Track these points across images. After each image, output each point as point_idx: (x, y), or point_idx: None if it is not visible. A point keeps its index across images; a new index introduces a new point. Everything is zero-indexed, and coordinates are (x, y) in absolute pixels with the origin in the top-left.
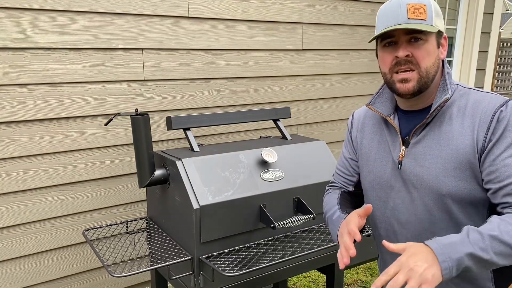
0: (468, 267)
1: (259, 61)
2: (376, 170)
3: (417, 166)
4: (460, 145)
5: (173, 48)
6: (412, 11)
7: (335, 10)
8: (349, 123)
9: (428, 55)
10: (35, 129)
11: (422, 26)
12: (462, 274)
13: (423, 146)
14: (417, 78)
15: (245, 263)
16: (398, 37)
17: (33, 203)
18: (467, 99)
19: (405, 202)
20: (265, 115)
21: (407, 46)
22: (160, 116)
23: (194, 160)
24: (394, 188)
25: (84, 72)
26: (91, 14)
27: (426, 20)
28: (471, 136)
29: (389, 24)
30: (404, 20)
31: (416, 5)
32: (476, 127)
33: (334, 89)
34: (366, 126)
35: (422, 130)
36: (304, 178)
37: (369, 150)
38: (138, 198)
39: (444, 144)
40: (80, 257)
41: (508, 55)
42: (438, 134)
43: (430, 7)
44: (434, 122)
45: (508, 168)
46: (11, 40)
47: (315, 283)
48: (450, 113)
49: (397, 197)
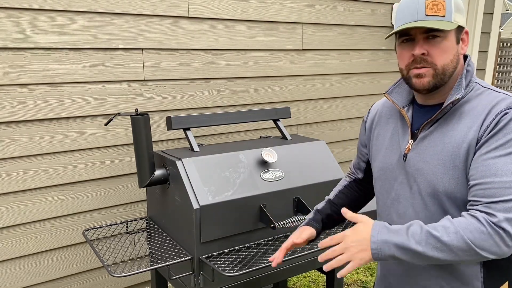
0: (396, 257)
1: (259, 61)
2: (384, 161)
3: (420, 161)
4: (462, 144)
5: (173, 48)
6: (430, 7)
7: (335, 10)
8: (367, 113)
9: (445, 53)
10: (35, 129)
11: (439, 24)
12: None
13: (428, 141)
14: (433, 74)
15: (245, 263)
16: (415, 35)
17: (33, 203)
18: (480, 99)
19: (405, 194)
20: (265, 115)
21: (424, 43)
22: (160, 116)
23: (194, 160)
24: (397, 179)
25: (84, 72)
26: (91, 14)
27: (445, 16)
28: (475, 135)
29: (407, 21)
30: (421, 16)
31: (434, 1)
32: (481, 125)
33: (334, 89)
34: (383, 116)
35: (431, 126)
36: (304, 178)
37: (382, 140)
38: (138, 198)
39: (447, 142)
40: (80, 257)
41: (508, 55)
42: (445, 131)
43: (450, 2)
44: (444, 119)
45: (486, 168)
46: (11, 40)
47: (315, 283)
48: (461, 112)
49: (399, 188)
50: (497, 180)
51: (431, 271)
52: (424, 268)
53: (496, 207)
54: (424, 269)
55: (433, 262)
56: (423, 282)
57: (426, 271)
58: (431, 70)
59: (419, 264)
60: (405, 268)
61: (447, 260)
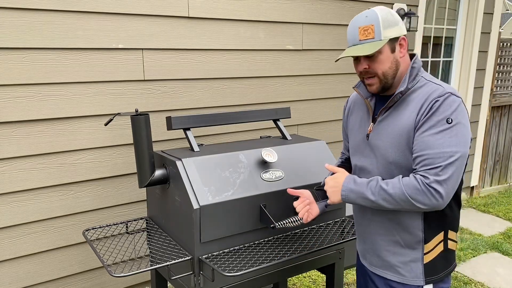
0: (357, 202)
1: (259, 61)
2: (355, 140)
3: (377, 139)
4: (405, 124)
5: (173, 48)
6: (362, 33)
7: (335, 10)
8: (346, 103)
9: (382, 64)
10: (35, 129)
11: (367, 48)
12: (399, 223)
13: (383, 124)
14: (378, 81)
15: (245, 263)
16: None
17: (33, 203)
18: (421, 89)
19: (369, 165)
20: (265, 115)
21: (364, 61)
22: (160, 116)
23: (194, 160)
24: (363, 153)
25: (84, 72)
26: (91, 14)
27: (374, 38)
28: (414, 118)
29: (349, 44)
30: (356, 41)
31: (365, 27)
32: (418, 111)
33: (334, 89)
34: (356, 105)
35: (386, 112)
36: (304, 178)
37: (353, 124)
38: (138, 198)
39: (396, 123)
40: (80, 257)
41: (508, 55)
42: (395, 115)
43: (378, 24)
44: (396, 105)
45: (423, 144)
46: (11, 40)
47: (315, 283)
48: (408, 100)
49: (364, 160)
50: (431, 152)
51: (384, 223)
52: (379, 221)
53: (430, 172)
54: (379, 222)
55: (383, 208)
56: (379, 231)
57: (381, 222)
58: (376, 78)
59: (374, 208)
60: (366, 222)
61: (391, 208)
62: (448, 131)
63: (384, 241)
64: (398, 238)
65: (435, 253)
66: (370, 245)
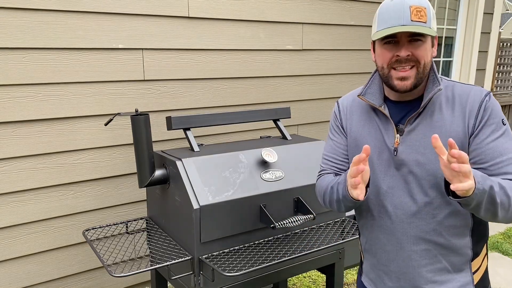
0: (486, 195)
1: (259, 61)
2: (369, 157)
3: (413, 152)
4: (452, 132)
5: (173, 48)
6: (415, 13)
7: (335, 10)
8: (337, 111)
9: (426, 54)
10: (35, 129)
11: (424, 29)
12: (448, 246)
13: (417, 134)
14: (415, 75)
15: (245, 263)
16: (401, 38)
17: (33, 203)
18: (453, 90)
19: (399, 186)
20: (265, 115)
21: (408, 46)
22: (160, 116)
23: (194, 160)
24: (388, 173)
25: (84, 72)
26: (91, 14)
27: (426, 22)
28: (463, 123)
29: (393, 24)
30: (407, 21)
31: (418, 7)
32: (467, 115)
33: (334, 89)
34: (354, 114)
35: (415, 119)
36: (304, 178)
37: (359, 137)
38: (138, 198)
39: (437, 132)
40: (80, 257)
41: (508, 55)
42: (430, 122)
43: (429, 10)
44: (426, 111)
45: (492, 151)
46: (11, 40)
47: (315, 283)
48: (440, 103)
49: (392, 180)
50: (504, 158)
51: (430, 250)
52: (424, 250)
53: None
54: (424, 251)
55: (491, 214)
56: (423, 262)
57: (426, 251)
58: (414, 70)
59: (482, 209)
60: (405, 255)
61: (492, 215)
62: (507, 133)
63: (430, 271)
64: (445, 264)
65: (483, 269)
66: (408, 282)
